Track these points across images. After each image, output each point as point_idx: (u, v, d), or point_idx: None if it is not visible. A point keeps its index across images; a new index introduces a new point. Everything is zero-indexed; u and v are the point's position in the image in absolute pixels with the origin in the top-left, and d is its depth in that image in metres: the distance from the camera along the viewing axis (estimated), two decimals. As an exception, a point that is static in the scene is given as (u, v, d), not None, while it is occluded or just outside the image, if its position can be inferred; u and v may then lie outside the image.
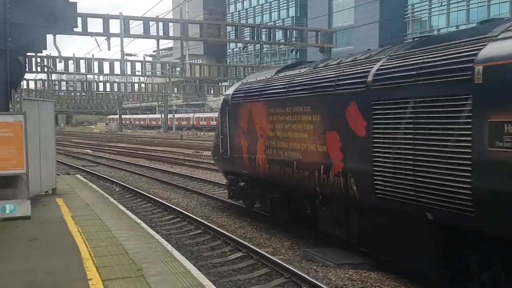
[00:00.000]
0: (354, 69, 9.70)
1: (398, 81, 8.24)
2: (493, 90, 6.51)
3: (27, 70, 44.98)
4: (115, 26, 30.59)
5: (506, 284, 6.91)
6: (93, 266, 8.13)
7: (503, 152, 6.33)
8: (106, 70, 51.32)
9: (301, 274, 9.25)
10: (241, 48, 75.86)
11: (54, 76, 63.83)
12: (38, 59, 45.54)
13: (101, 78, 66.70)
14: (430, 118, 7.52)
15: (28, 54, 19.38)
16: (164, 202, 17.72)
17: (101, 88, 71.46)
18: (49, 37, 27.11)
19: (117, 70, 50.26)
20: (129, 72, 52.15)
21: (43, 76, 58.76)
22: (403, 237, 8.75)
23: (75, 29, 21.78)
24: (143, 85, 75.18)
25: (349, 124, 9.49)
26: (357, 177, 9.34)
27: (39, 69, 47.14)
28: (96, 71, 50.95)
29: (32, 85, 66.77)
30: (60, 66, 49.53)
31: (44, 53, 42.68)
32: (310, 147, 10.92)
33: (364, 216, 9.81)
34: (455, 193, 7.05)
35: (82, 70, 50.64)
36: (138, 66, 53.95)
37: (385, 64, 8.86)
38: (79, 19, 26.99)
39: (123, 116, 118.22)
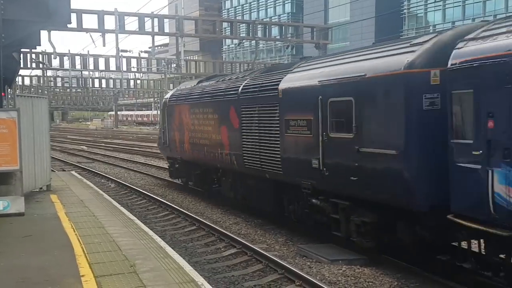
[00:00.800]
0: (233, 84, 15.02)
1: (250, 94, 13.60)
2: (284, 102, 11.92)
3: (21, 66, 44.89)
4: (110, 22, 30.46)
5: (300, 209, 12.09)
6: (86, 262, 8.12)
7: (289, 135, 11.76)
8: (102, 66, 51.14)
9: (295, 270, 9.27)
10: (237, 44, 75.78)
11: (49, 72, 63.54)
12: (33, 55, 45.37)
13: (96, 74, 66.55)
14: (265, 117, 12.84)
15: (22, 50, 19.32)
16: (159, 199, 17.71)
17: (96, 85, 71.10)
18: (44, 33, 27.08)
19: (112, 66, 50.14)
20: (124, 68, 52.04)
21: (38, 72, 58.49)
22: (259, 190, 13.97)
23: (70, 25, 21.71)
24: (138, 81, 74.90)
25: (231, 121, 14.61)
26: (235, 155, 14.43)
27: (34, 65, 46.94)
28: (91, 67, 50.75)
29: (27, 81, 66.67)
30: (55, 62, 49.38)
31: (39, 49, 42.60)
32: (213, 136, 15.93)
33: (242, 180, 14.88)
34: (275, 161, 12.32)
35: (77, 66, 50.43)
36: (133, 62, 53.87)
37: (247, 83, 14.09)
38: (74, 15, 26.89)
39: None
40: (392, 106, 8.77)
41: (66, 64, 50.33)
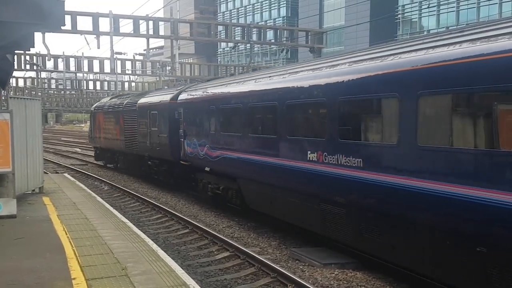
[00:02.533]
0: (120, 101, 27.34)
1: (128, 107, 25.37)
2: (138, 112, 23.84)
3: (15, 68, 44.73)
4: (104, 24, 30.41)
5: (147, 167, 23.55)
6: (77, 265, 8.09)
7: (139, 130, 23.53)
8: (96, 68, 51.00)
9: (287, 273, 9.27)
10: (232, 48, 75.89)
11: (43, 74, 63.33)
12: (27, 57, 45.25)
13: (91, 76, 66.36)
14: (131, 120, 24.61)
15: (16, 51, 19.20)
16: (152, 201, 17.68)
17: (91, 87, 70.92)
18: (39, 35, 26.98)
19: (107, 69, 50.03)
20: (119, 70, 51.91)
21: (32, 74, 58.32)
22: (132, 161, 25.43)
23: (64, 27, 21.59)
24: (133, 84, 74.82)
25: (120, 123, 26.04)
26: (122, 142, 25.80)
27: (28, 67, 46.82)
28: (85, 69, 50.66)
29: (21, 83, 66.39)
30: (49, 64, 49.23)
31: (33, 51, 42.51)
32: (113, 132, 27.54)
33: (126, 157, 26.79)
34: (136, 144, 24.02)
35: (72, 68, 50.31)
36: (128, 64, 53.74)
37: (127, 101, 25.93)
38: (68, 17, 26.84)
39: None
40: (164, 117, 20.49)
41: (60, 66, 50.24)
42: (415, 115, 7.85)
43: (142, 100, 23.49)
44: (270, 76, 12.73)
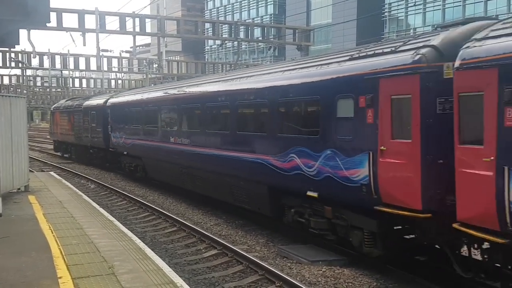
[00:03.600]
0: (72, 103, 34.80)
1: (76, 108, 32.07)
2: (84, 112, 30.25)
3: (0, 65, 44.26)
4: (90, 21, 30.17)
5: (95, 156, 30.09)
6: (63, 264, 8.02)
7: (86, 127, 29.57)
8: (82, 66, 50.67)
9: (275, 271, 9.27)
10: (219, 45, 75.71)
11: (29, 72, 62.66)
12: (12, 54, 44.76)
13: (76, 74, 65.97)
14: (79, 118, 30.99)
15: (1, 49, 19.06)
16: (140, 200, 17.59)
17: (77, 84, 70.51)
18: (24, 32, 26.73)
19: (93, 66, 49.67)
20: (105, 68, 51.58)
21: (18, 71, 57.71)
22: (82, 151, 31.47)
23: (50, 24, 21.38)
24: (119, 81, 74.33)
25: (71, 120, 32.61)
26: (73, 136, 32.24)
27: (13, 64, 46.33)
28: (71, 67, 50.25)
29: (6, 80, 65.65)
30: (34, 62, 48.76)
31: (18, 48, 42.02)
32: (67, 128, 33.71)
33: (77, 148, 32.73)
34: (85, 137, 29.61)
35: (57, 65, 49.88)
36: (114, 62, 53.41)
37: (77, 103, 32.74)
38: (53, 14, 26.59)
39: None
40: (99, 116, 27.29)
41: (46, 64, 49.77)
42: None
43: (86, 103, 30.10)
44: (145, 92, 21.51)
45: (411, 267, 9.49)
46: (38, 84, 74.85)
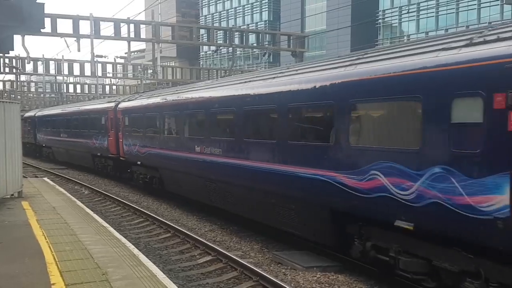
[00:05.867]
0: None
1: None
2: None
3: (-6, 70, 44.09)
4: (85, 27, 30.14)
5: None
6: (57, 270, 7.98)
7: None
8: (77, 71, 50.51)
9: (269, 277, 9.26)
10: (214, 51, 75.70)
11: (23, 77, 62.41)
12: (6, 60, 44.62)
13: (71, 79, 65.68)
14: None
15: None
16: (134, 206, 17.53)
17: (71, 90, 70.16)
18: (18, 38, 26.65)
19: (87, 72, 49.55)
20: (100, 73, 51.48)
21: (12, 77, 57.49)
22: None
23: (44, 30, 21.33)
24: (114, 87, 74.13)
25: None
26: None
27: (7, 70, 46.17)
28: (66, 72, 50.10)
29: (0, 86, 65.35)
30: (29, 67, 48.59)
31: (13, 53, 41.92)
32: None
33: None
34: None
35: (52, 71, 49.72)
36: (109, 67, 53.29)
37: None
38: (48, 20, 26.53)
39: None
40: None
41: (40, 69, 49.59)
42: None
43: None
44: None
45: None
46: (32, 89, 74.58)
